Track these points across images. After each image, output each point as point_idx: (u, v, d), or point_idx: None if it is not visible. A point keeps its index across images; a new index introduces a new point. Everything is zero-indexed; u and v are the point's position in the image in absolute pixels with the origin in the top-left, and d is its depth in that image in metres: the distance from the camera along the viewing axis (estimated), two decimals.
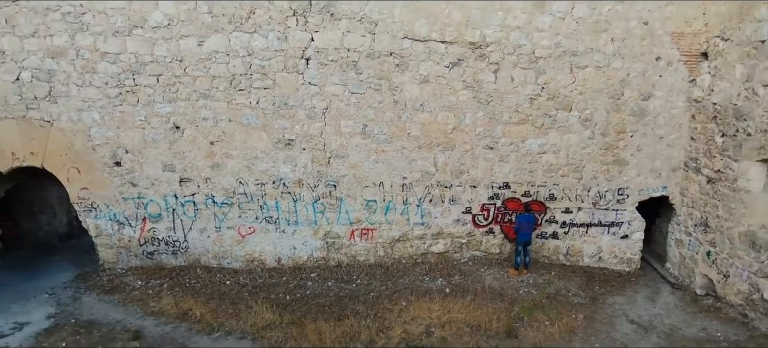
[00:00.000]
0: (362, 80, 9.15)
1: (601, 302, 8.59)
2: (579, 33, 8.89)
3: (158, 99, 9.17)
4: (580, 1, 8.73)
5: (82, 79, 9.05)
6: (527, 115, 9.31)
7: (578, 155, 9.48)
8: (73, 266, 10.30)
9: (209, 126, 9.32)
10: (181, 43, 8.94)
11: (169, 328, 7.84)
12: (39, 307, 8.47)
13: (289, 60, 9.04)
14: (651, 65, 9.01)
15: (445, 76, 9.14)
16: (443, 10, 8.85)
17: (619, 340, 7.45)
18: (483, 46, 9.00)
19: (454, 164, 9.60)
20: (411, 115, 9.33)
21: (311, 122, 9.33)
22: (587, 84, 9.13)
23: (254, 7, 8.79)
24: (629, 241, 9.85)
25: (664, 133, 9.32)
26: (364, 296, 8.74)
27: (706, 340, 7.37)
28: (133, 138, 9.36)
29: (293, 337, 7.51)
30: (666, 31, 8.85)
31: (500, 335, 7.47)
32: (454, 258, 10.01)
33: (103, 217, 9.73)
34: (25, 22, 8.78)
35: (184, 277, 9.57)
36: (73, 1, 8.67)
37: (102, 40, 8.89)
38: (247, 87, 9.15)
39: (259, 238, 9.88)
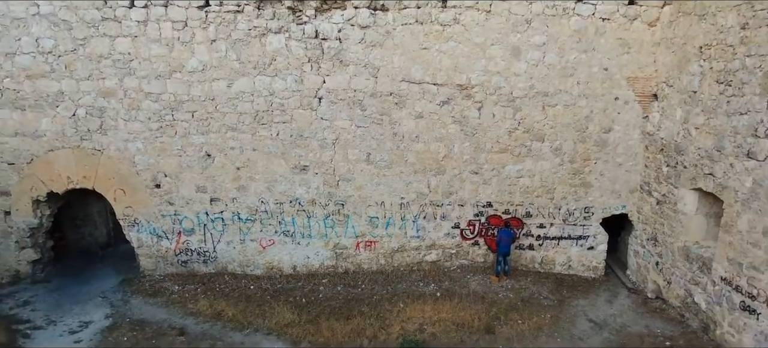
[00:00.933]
0: (366, 116, 10.86)
1: (567, 304, 10.31)
2: (549, 77, 10.60)
3: (193, 131, 10.88)
4: (550, 51, 10.44)
5: (128, 115, 10.76)
6: (507, 145, 11.02)
7: (550, 179, 11.20)
8: (116, 273, 12.01)
9: (236, 154, 11.03)
10: (213, 85, 10.65)
11: (207, 326, 9.55)
12: (96, 308, 10.18)
13: (305, 99, 10.75)
14: (610, 104, 10.73)
15: (437, 112, 10.85)
16: (435, 58, 10.56)
17: (577, 335, 9.18)
18: (469, 88, 10.71)
19: (444, 186, 11.31)
20: (408, 145, 11.04)
21: (323, 151, 11.05)
22: (557, 119, 10.84)
23: (276, 55, 10.50)
24: (594, 251, 11.58)
25: (623, 161, 11.04)
26: (368, 299, 10.45)
27: (647, 335, 9.10)
28: (171, 164, 11.07)
29: (310, 333, 9.21)
30: (623, 75, 10.57)
31: (480, 332, 9.19)
32: (444, 266, 11.73)
33: (145, 231, 11.45)
34: (82, 68, 10.49)
35: (214, 282, 11.28)
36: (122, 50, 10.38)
37: (146, 82, 10.59)
38: (268, 121, 10.86)
39: (278, 249, 11.60)
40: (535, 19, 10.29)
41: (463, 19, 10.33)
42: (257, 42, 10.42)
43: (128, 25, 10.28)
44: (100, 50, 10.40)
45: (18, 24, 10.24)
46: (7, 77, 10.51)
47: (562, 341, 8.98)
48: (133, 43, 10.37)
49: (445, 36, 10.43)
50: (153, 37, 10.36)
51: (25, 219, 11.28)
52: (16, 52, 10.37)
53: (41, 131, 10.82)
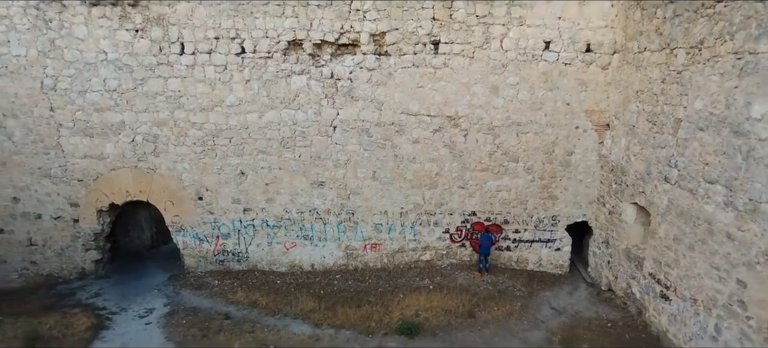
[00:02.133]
0: (372, 141, 13.35)
1: (536, 295, 12.81)
2: (522, 110, 13.08)
3: (230, 154, 13.38)
4: (523, 89, 12.93)
5: (177, 141, 13.26)
6: (488, 165, 13.51)
7: (524, 193, 13.70)
8: (163, 270, 14.52)
9: (265, 172, 13.53)
10: (247, 117, 13.14)
11: (246, 312, 12.04)
12: (154, 298, 12.68)
13: (322, 127, 13.25)
14: (572, 132, 13.21)
15: (430, 138, 13.34)
16: (429, 94, 13.04)
17: (540, 319, 11.67)
18: (456, 119, 13.19)
19: (436, 198, 13.81)
20: (406, 165, 13.53)
21: (336, 170, 13.54)
22: (529, 144, 13.33)
23: (298, 92, 12.99)
24: (561, 252, 14.09)
25: (583, 178, 13.53)
26: (374, 291, 12.95)
27: (595, 319, 11.60)
28: (212, 180, 13.57)
29: (329, 317, 11.69)
30: (582, 109, 13.05)
31: (464, 316, 11.68)
32: (436, 264, 14.24)
33: (189, 235, 13.96)
34: (140, 103, 12.98)
35: (247, 278, 13.78)
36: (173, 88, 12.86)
37: (192, 114, 13.09)
38: (292, 146, 13.35)
39: (299, 250, 14.12)
40: (509, 63, 12.77)
41: (451, 64, 12.82)
42: (284, 82, 12.91)
43: (179, 69, 12.77)
44: (156, 88, 12.89)
45: (89, 68, 12.72)
46: (79, 110, 13.00)
47: (527, 324, 11.48)
48: (182, 82, 12.86)
49: (436, 77, 12.92)
50: (199, 78, 12.85)
51: (91, 226, 13.79)
52: (87, 90, 12.86)
53: (106, 154, 13.32)
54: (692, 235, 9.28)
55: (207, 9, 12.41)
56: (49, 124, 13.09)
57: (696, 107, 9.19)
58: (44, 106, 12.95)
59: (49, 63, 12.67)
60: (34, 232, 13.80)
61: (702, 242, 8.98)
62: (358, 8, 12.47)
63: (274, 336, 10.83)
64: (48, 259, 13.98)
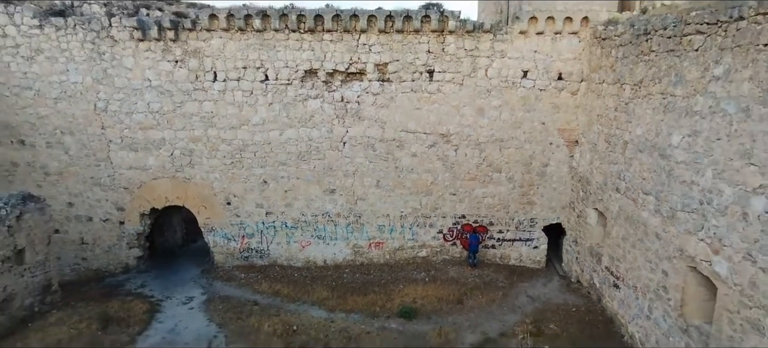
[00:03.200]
0: (377, 155, 15.73)
1: (515, 286, 15.19)
2: (504, 128, 15.47)
3: (255, 166, 15.76)
4: (505, 111, 15.31)
5: (210, 155, 15.64)
6: (475, 175, 15.90)
7: (506, 199, 16.09)
8: (195, 265, 16.91)
9: (284, 181, 15.91)
10: (270, 134, 15.52)
11: (271, 300, 14.40)
12: (192, 288, 15.06)
13: (333, 143, 15.63)
14: (547, 147, 15.59)
15: (426, 152, 15.73)
16: (425, 115, 15.42)
17: (517, 305, 14.05)
18: (448, 136, 15.58)
19: (431, 204, 16.20)
20: (406, 175, 15.91)
21: (346, 179, 15.93)
22: (510, 157, 15.72)
23: (313, 113, 15.37)
24: (538, 250, 16.49)
25: (557, 186, 15.92)
26: (378, 282, 15.33)
27: (563, 305, 13.98)
28: (238, 188, 15.95)
29: (340, 304, 14.05)
30: (555, 127, 15.43)
31: (453, 303, 14.05)
32: (431, 260, 16.63)
33: (218, 235, 16.35)
34: (178, 122, 15.36)
35: (268, 271, 16.16)
36: (207, 110, 15.24)
37: (223, 132, 15.46)
38: (308, 158, 15.73)
39: (313, 248, 16.51)
40: (493, 89, 15.16)
41: (444, 89, 15.21)
42: (301, 104, 15.30)
43: (212, 93, 15.15)
44: (192, 110, 15.28)
45: (136, 93, 15.10)
46: (126, 129, 15.37)
47: (506, 309, 13.86)
48: (214, 105, 15.24)
49: (431, 100, 15.31)
50: (229, 101, 15.23)
51: (134, 227, 16.18)
52: (133, 111, 15.24)
53: (148, 166, 15.70)
54: (634, 236, 11.68)
55: (237, 43, 14.80)
56: (100, 140, 15.47)
57: (637, 133, 11.59)
58: (97, 125, 15.34)
59: (102, 89, 15.06)
60: (85, 233, 16.19)
61: (640, 241, 11.39)
62: (364, 43, 14.86)
63: (296, 319, 13.18)
64: (97, 256, 16.37)
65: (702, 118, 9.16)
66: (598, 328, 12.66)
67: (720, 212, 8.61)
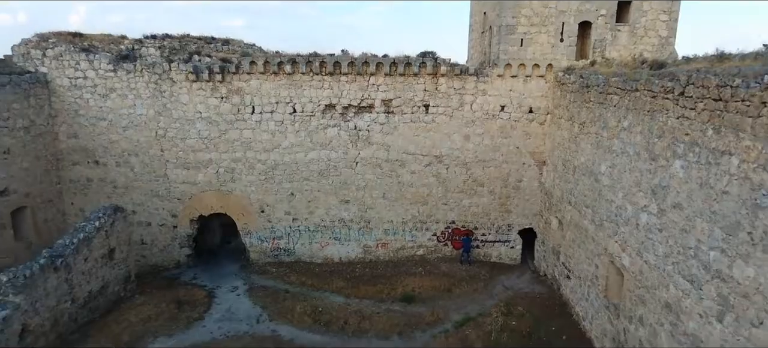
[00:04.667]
0: (383, 172, 19.70)
1: (494, 278, 19.14)
2: (486, 151, 19.43)
3: (284, 181, 19.74)
4: (486, 137, 19.26)
5: (248, 172, 19.61)
6: (462, 189, 19.86)
7: (488, 208, 20.06)
8: (233, 262, 20.87)
9: (308, 193, 19.88)
10: (296, 155, 19.49)
11: (299, 289, 18.35)
12: (235, 280, 19.03)
13: (348, 163, 19.60)
14: (521, 167, 19.56)
15: (423, 170, 19.69)
16: (422, 140, 19.38)
17: (495, 293, 17.99)
18: (441, 157, 19.55)
19: (427, 212, 20.17)
20: (406, 189, 19.88)
21: (358, 191, 19.90)
22: (491, 175, 19.69)
23: (332, 139, 19.34)
24: (514, 249, 20.47)
25: (529, 198, 19.89)
26: (384, 275, 19.28)
27: (530, 293, 17.93)
28: (270, 199, 19.93)
29: (354, 292, 17.99)
30: (527, 151, 19.39)
31: (444, 291, 18.00)
32: (427, 257, 20.58)
33: (254, 237, 20.33)
34: (223, 146, 19.30)
35: (294, 267, 20.11)
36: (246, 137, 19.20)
37: (259, 154, 19.43)
38: (327, 175, 19.70)
39: (331, 247, 20.48)
40: (477, 120, 19.12)
41: (437, 120, 19.16)
42: (322, 131, 19.26)
43: (250, 123, 19.11)
44: (234, 136, 19.23)
45: (189, 122, 19.07)
46: (180, 151, 19.33)
47: (485, 296, 17.79)
48: (252, 132, 19.20)
49: (427, 129, 19.27)
50: (264, 129, 19.19)
51: (185, 230, 20.15)
52: (186, 137, 19.20)
53: (198, 181, 19.66)
54: (579, 238, 15.65)
55: (271, 84, 18.78)
56: (159, 160, 19.44)
57: (581, 160, 15.56)
58: (157, 148, 19.31)
59: (162, 119, 19.02)
60: (145, 235, 20.15)
61: (583, 243, 15.35)
62: (373, 83, 18.83)
63: (320, 303, 17.13)
64: (154, 254, 20.33)
65: (616, 156, 13.13)
66: (554, 310, 16.62)
67: (625, 222, 12.58)
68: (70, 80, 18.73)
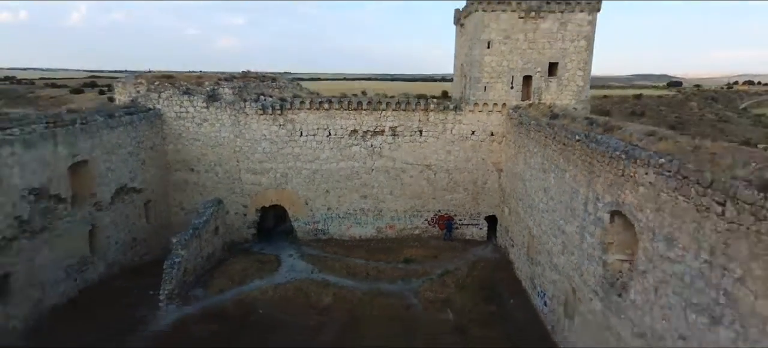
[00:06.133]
0: (390, 176, 29.06)
1: (467, 249, 28.44)
2: (462, 161, 28.76)
3: (322, 183, 29.10)
4: (462, 152, 28.58)
5: (296, 176, 28.99)
6: (446, 188, 29.21)
7: (463, 201, 29.40)
8: (284, 240, 30.23)
9: (338, 191, 29.25)
10: (331, 165, 28.86)
11: (334, 255, 27.63)
12: (289, 250, 28.37)
13: (366, 170, 28.97)
14: (486, 172, 28.89)
15: (418, 175, 29.05)
16: (418, 153, 28.72)
17: (468, 258, 27.28)
18: (430, 166, 28.90)
19: (421, 204, 29.53)
20: (407, 188, 29.23)
21: (373, 190, 29.27)
22: (466, 178, 29.03)
23: (355, 153, 28.69)
24: (482, 230, 29.84)
25: (492, 194, 29.20)
26: (391, 247, 28.59)
27: (490, 258, 27.23)
28: (312, 195, 29.30)
29: (371, 257, 27.31)
30: (490, 161, 28.71)
31: (432, 257, 27.28)
32: (421, 236, 29.93)
33: (300, 222, 29.73)
34: (280, 158, 28.67)
35: (329, 242, 29.46)
36: (296, 151, 28.56)
37: (304, 164, 28.79)
38: (352, 178, 29.07)
39: (354, 229, 29.87)
40: (455, 140, 28.47)
41: (427, 140, 28.51)
42: (348, 148, 28.61)
43: (299, 142, 28.45)
44: (287, 152, 28.58)
45: (257, 141, 28.38)
46: (251, 162, 28.64)
47: (460, 260, 27.03)
48: (300, 148, 28.54)
49: (421, 146, 28.62)
50: (308, 147, 28.53)
51: (252, 217, 29.51)
52: (255, 152, 28.52)
53: (261, 183, 29.00)
54: (517, 220, 24.96)
55: (314, 115, 28.09)
56: (236, 168, 28.75)
57: (518, 170, 24.87)
58: (234, 160, 28.61)
59: (238, 140, 28.32)
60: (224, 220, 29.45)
61: (518, 222, 24.67)
62: (384, 115, 28.15)
63: (349, 263, 26.40)
64: (231, 233, 29.61)
65: (531, 168, 22.44)
66: (503, 266, 25.97)
67: (534, 209, 21.89)
68: (176, 113, 28.01)
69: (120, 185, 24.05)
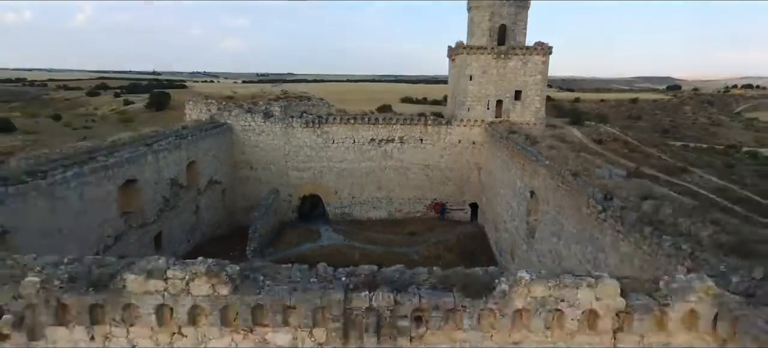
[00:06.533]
0: (399, 173, 39.59)
1: (455, 227, 38.75)
2: (452, 162, 39.20)
3: (348, 177, 39.66)
4: (451, 156, 39.05)
5: (330, 173, 39.56)
6: (440, 181, 39.68)
7: (453, 192, 39.84)
8: (318, 220, 40.76)
9: (361, 184, 39.80)
10: (355, 165, 39.41)
11: (358, 231, 38.06)
12: (325, 226, 38.81)
13: (381, 169, 39.51)
14: (470, 170, 39.29)
15: (420, 172, 39.54)
16: (420, 156, 39.22)
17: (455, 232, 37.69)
18: (429, 166, 39.38)
19: (421, 194, 40.00)
20: (411, 181, 39.72)
21: (386, 183, 39.80)
22: (454, 174, 39.47)
23: (374, 156, 39.21)
24: (466, 213, 40.26)
25: (474, 187, 39.65)
26: (399, 224, 38.99)
27: (471, 232, 37.58)
28: (341, 186, 39.87)
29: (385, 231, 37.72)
30: (473, 162, 39.15)
31: (428, 231, 37.72)
32: (421, 218, 40.32)
33: (331, 207, 40.29)
34: (316, 158, 39.25)
35: (353, 222, 39.92)
36: (330, 154, 39.13)
37: (335, 163, 39.36)
38: (371, 175, 39.63)
39: (371, 212, 40.39)
40: (447, 147, 38.99)
41: (426, 147, 39.02)
42: (368, 152, 39.16)
43: (331, 148, 39.03)
44: (323, 154, 39.15)
45: (300, 148, 38.94)
46: (296, 162, 39.20)
47: (450, 234, 37.43)
48: (332, 152, 39.11)
49: (422, 151, 39.14)
50: (338, 152, 39.10)
51: (295, 203, 40.05)
52: (299, 155, 39.09)
53: (303, 177, 39.55)
54: (490, 206, 35.37)
55: (343, 127, 38.64)
56: (284, 167, 39.30)
57: (490, 168, 35.28)
58: (283, 160, 39.17)
59: (286, 146, 38.89)
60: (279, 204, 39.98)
61: (490, 204, 35.07)
62: (394, 127, 38.69)
63: (369, 235, 36.77)
64: (279, 215, 40.11)
65: (498, 168, 32.88)
66: (480, 238, 36.38)
67: (497, 194, 32.32)
68: (241, 126, 38.53)
69: (209, 178, 34.58)
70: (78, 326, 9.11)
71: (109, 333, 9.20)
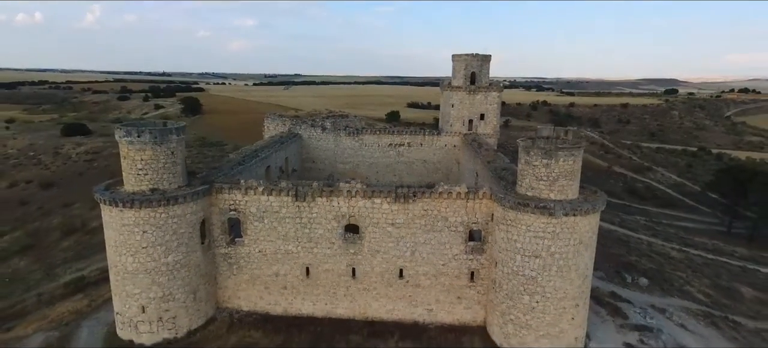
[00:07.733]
0: (406, 166, 63.20)
1: None
2: (441, 158, 62.74)
3: (374, 168, 63.38)
4: (440, 155, 62.64)
5: (361, 165, 63.28)
6: (433, 170, 63.24)
7: (442, 178, 63.36)
8: None
9: (383, 173, 63.43)
10: (378, 160, 63.11)
11: None
12: None
13: (395, 163, 63.22)
14: (453, 164, 62.76)
15: (421, 166, 63.13)
16: (420, 154, 62.82)
17: None
18: (426, 160, 62.96)
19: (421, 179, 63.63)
20: (414, 171, 63.30)
21: (400, 172, 63.44)
22: (442, 167, 62.99)
23: (390, 154, 62.91)
24: None
25: (456, 175, 63.12)
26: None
27: None
28: (370, 173, 63.57)
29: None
30: (454, 158, 62.67)
31: None
32: None
33: None
34: (355, 156, 62.98)
35: None
36: (357, 152, 62.87)
37: (366, 159, 63.06)
38: (390, 167, 63.32)
39: None
40: (437, 149, 62.56)
41: (424, 149, 62.60)
42: (387, 152, 62.82)
43: (364, 149, 62.75)
44: (359, 153, 62.82)
45: (344, 148, 62.67)
46: (341, 156, 62.88)
47: None
48: (364, 153, 62.80)
49: (420, 151, 62.68)
50: (368, 152, 62.79)
51: None
52: (343, 153, 62.83)
53: (346, 167, 63.23)
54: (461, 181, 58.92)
55: (372, 136, 62.38)
56: (334, 161, 63.00)
57: (463, 162, 58.87)
58: (333, 157, 62.89)
59: (336, 148, 62.63)
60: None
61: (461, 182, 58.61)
62: (404, 135, 62.38)
63: None
64: None
65: (467, 162, 56.37)
66: None
67: (465, 180, 55.83)
68: (307, 135, 62.22)
69: (293, 167, 58.29)
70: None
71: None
